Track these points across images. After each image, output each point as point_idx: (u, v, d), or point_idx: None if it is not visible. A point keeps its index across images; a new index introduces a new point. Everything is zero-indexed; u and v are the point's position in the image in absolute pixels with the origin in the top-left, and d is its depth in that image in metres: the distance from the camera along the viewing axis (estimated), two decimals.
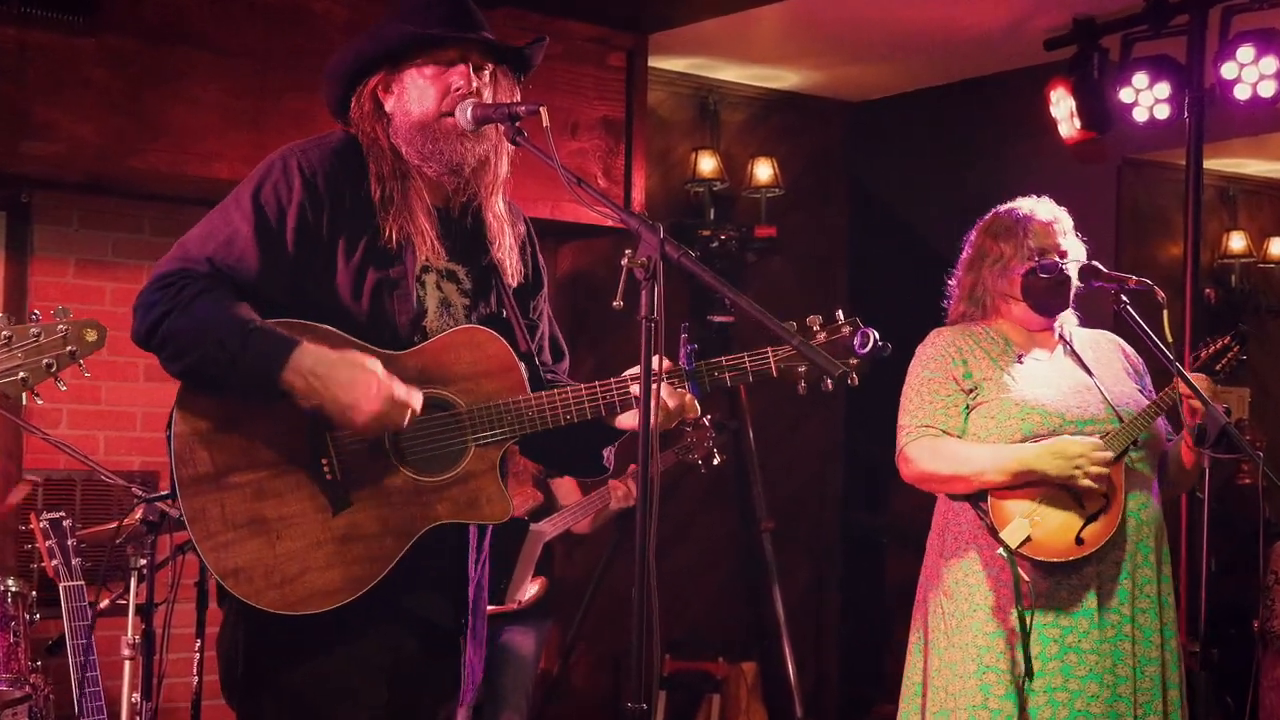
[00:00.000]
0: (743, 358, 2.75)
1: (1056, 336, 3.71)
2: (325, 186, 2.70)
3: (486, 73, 2.77)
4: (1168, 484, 3.68)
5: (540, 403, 2.73)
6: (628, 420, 2.76)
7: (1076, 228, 3.77)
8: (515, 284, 2.88)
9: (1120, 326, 3.71)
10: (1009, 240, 3.66)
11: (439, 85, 2.73)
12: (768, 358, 2.74)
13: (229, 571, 2.62)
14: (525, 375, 2.78)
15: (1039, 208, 3.70)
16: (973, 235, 3.79)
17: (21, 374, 2.54)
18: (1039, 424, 3.52)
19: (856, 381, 2.72)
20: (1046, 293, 3.63)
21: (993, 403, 3.57)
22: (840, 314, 2.78)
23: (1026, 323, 3.69)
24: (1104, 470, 3.45)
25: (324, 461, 2.65)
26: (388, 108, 2.77)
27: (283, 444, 2.64)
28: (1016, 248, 3.64)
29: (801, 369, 2.74)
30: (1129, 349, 3.80)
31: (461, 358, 2.73)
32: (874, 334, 2.69)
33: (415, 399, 2.63)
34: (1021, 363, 3.62)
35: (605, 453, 2.91)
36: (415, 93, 2.74)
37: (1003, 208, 3.76)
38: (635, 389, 2.68)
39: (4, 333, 2.53)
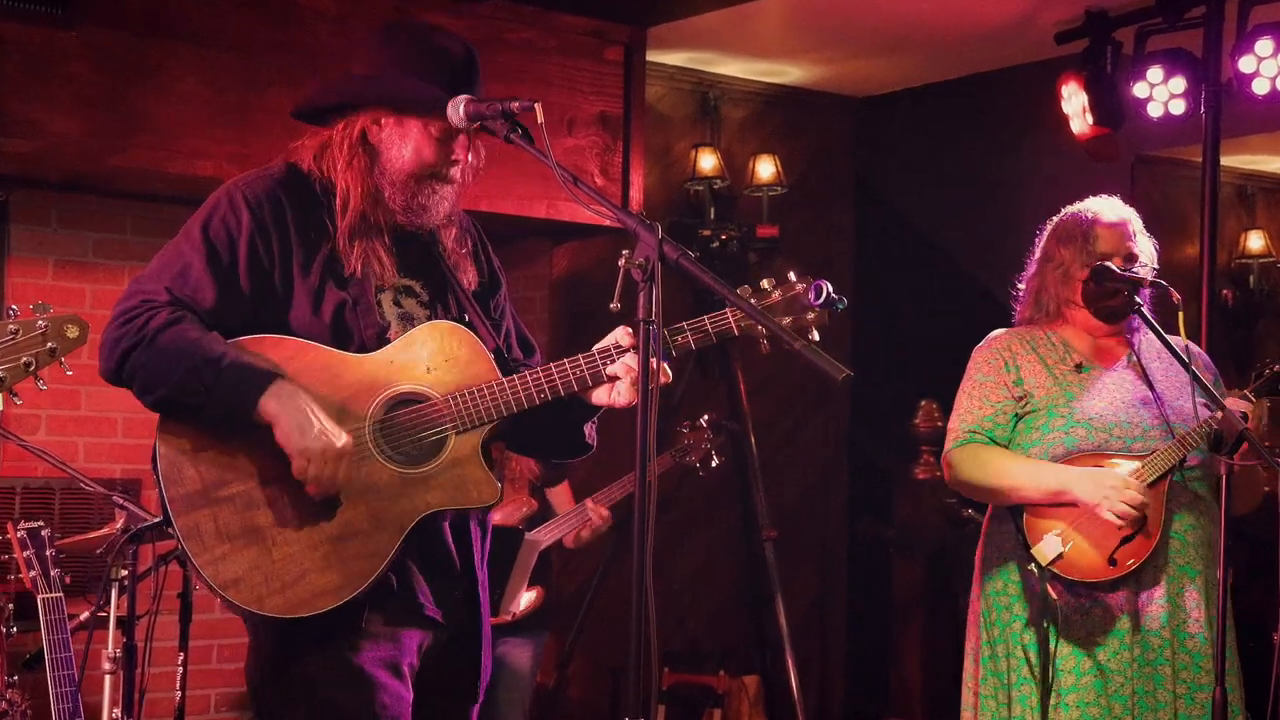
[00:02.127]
0: (703, 320, 2.82)
1: (1126, 344, 3.72)
2: (272, 217, 2.82)
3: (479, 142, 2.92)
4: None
5: (514, 384, 2.82)
6: (602, 396, 2.87)
7: None
8: (473, 289, 2.99)
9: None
10: (1071, 245, 3.67)
11: (441, 148, 2.85)
12: (728, 318, 2.80)
13: (229, 582, 2.70)
14: (494, 363, 2.87)
15: (1105, 209, 3.71)
16: (1043, 235, 3.81)
17: None
18: (1083, 439, 3.56)
19: (817, 337, 2.80)
20: (1107, 301, 3.64)
21: (1040, 413, 3.62)
22: (793, 275, 2.89)
23: (1092, 329, 3.71)
24: (1130, 510, 3.47)
25: None
26: (372, 140, 2.86)
27: (267, 452, 2.72)
28: (1078, 253, 3.66)
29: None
30: (1204, 359, 3.81)
31: (429, 350, 2.83)
32: (827, 285, 2.75)
33: (346, 472, 2.72)
34: (1079, 372, 3.65)
35: (586, 429, 2.99)
36: (414, 144, 2.85)
37: (1071, 208, 3.77)
38: (612, 367, 2.80)
39: None
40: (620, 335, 2.83)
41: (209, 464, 2.73)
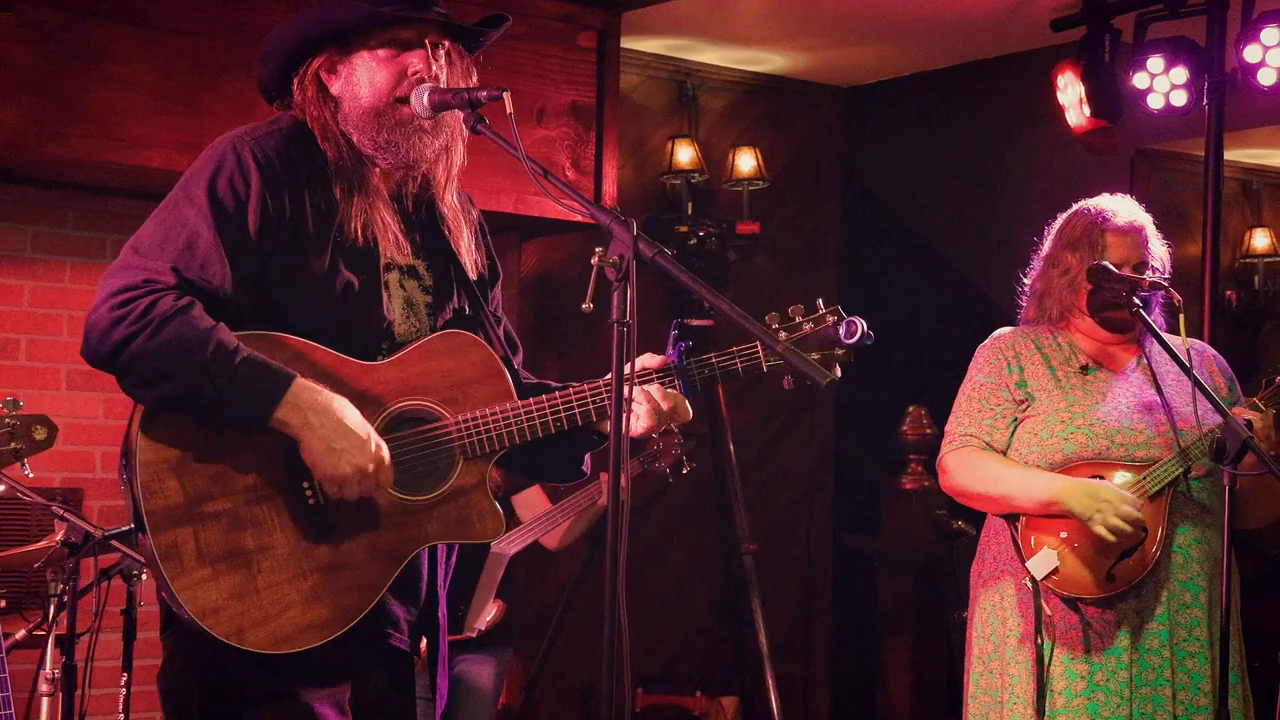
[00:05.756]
0: (733, 354, 2.79)
1: (1136, 347, 3.73)
2: (284, 176, 2.70)
3: (441, 52, 2.79)
4: (1235, 517, 3.68)
5: (530, 411, 2.75)
6: None
7: None
8: (475, 277, 2.90)
9: (1173, 334, 3.72)
10: (1078, 251, 3.67)
11: (393, 68, 2.75)
12: (757, 354, 2.78)
13: (207, 610, 2.61)
14: (511, 382, 2.80)
15: (1119, 214, 3.69)
16: (1051, 231, 3.80)
17: None
18: (1083, 445, 3.57)
19: (840, 374, 2.80)
20: (1114, 311, 3.65)
21: (1040, 418, 3.62)
22: (821, 303, 2.84)
23: (1097, 336, 3.72)
24: (1123, 526, 3.47)
25: (305, 485, 2.66)
26: (333, 91, 2.77)
27: (260, 468, 2.65)
28: (1085, 261, 3.66)
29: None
30: (1221, 364, 3.81)
31: (443, 365, 2.75)
32: (860, 323, 2.76)
33: (388, 479, 2.66)
34: (1084, 374, 3.66)
35: (585, 458, 2.95)
36: (366, 75, 2.75)
37: (1082, 206, 3.76)
38: (627, 390, 2.68)
39: None
40: (645, 361, 2.76)
41: (195, 475, 2.61)
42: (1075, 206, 3.78)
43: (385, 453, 2.65)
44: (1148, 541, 3.53)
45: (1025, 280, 3.85)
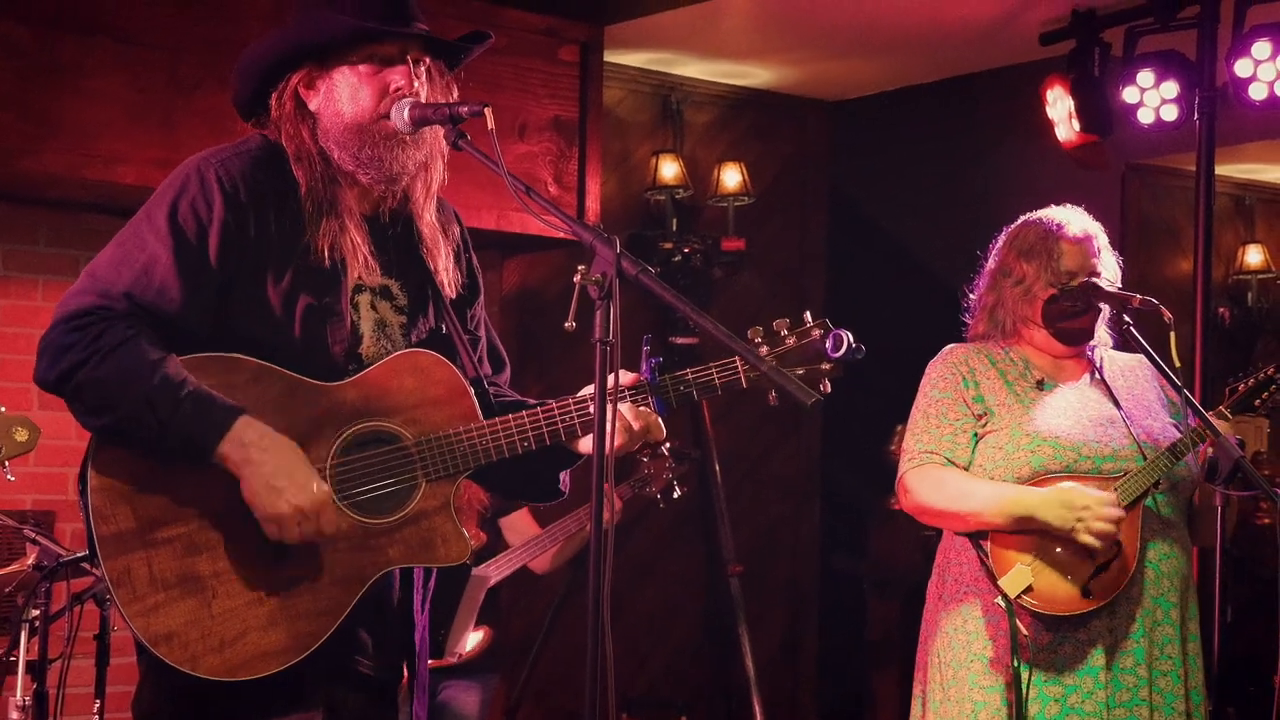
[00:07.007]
0: (710, 369, 2.80)
1: (1086, 362, 3.73)
2: (249, 200, 2.71)
3: (423, 68, 2.79)
4: (1195, 534, 3.68)
5: (495, 431, 2.75)
6: (588, 445, 2.79)
7: None
8: (453, 295, 2.90)
9: (1123, 350, 3.75)
10: (1033, 260, 3.67)
11: (376, 84, 2.75)
12: (736, 369, 2.78)
13: (161, 637, 2.62)
14: (476, 401, 2.80)
15: (1071, 222, 3.70)
16: (998, 244, 3.81)
17: None
18: (1050, 458, 3.55)
19: (829, 388, 2.79)
20: (1070, 321, 3.66)
21: (1002, 432, 3.60)
22: (808, 316, 2.85)
23: (1051, 349, 3.72)
24: (1109, 528, 3.46)
25: None
26: (312, 107, 2.78)
27: (215, 493, 2.65)
28: (1040, 269, 3.66)
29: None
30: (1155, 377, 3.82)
31: (405, 385, 2.75)
32: (847, 336, 2.76)
33: (330, 524, 2.64)
34: (1041, 389, 3.65)
35: (562, 476, 2.94)
36: (348, 91, 2.75)
37: (1032, 217, 3.76)
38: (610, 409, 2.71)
39: None
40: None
41: (149, 501, 2.62)
42: (1023, 218, 3.79)
43: (327, 497, 2.64)
44: (1124, 554, 3.51)
45: (970, 296, 3.85)
